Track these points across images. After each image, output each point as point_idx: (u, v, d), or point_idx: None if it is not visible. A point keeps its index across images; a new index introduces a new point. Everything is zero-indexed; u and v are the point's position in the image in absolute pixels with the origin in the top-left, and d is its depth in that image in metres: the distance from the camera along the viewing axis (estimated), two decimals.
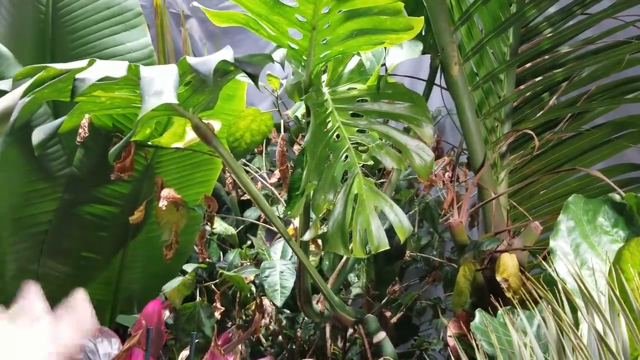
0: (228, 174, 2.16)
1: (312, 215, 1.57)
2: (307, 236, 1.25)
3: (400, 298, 1.86)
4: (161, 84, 0.81)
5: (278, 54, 1.03)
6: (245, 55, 0.95)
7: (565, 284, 0.99)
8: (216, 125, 1.26)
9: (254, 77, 0.90)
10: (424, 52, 1.68)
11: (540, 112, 1.55)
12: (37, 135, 1.06)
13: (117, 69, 0.84)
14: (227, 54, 0.88)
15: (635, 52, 1.46)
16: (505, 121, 1.56)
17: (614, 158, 1.64)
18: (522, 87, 1.54)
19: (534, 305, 0.96)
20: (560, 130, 1.55)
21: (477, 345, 1.03)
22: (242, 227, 2.18)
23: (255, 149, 2.19)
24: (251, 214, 2.12)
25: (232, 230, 1.92)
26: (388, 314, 1.78)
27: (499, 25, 1.40)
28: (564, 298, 0.91)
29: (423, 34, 1.63)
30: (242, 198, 2.20)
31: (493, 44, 1.51)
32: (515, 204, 1.52)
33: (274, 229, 1.93)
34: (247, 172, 2.16)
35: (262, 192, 2.00)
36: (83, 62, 0.84)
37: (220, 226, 1.88)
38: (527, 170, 1.65)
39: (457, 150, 1.68)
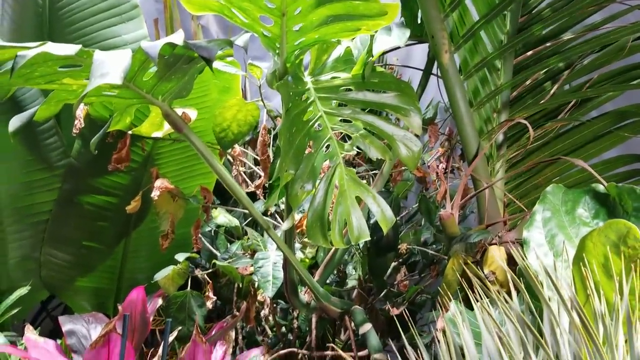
0: (234, 167, 2.17)
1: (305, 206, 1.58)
2: (285, 226, 1.24)
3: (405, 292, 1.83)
4: (110, 66, 0.81)
5: (242, 39, 1.02)
6: (203, 40, 0.95)
7: (537, 276, 0.96)
8: (192, 114, 1.26)
9: (209, 61, 0.89)
10: (421, 41, 1.65)
11: (540, 102, 1.49)
12: (14, 123, 1.08)
13: (64, 49, 0.85)
14: (176, 37, 0.88)
15: (639, 37, 1.40)
16: (502, 111, 1.51)
17: (622, 148, 1.57)
18: (518, 76, 1.48)
19: (503, 303, 0.93)
20: (560, 120, 1.50)
21: (446, 337, 1.01)
22: (250, 218, 2.18)
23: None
24: (259, 206, 2.13)
25: (235, 222, 1.93)
26: (386, 307, 1.76)
27: (491, 9, 1.36)
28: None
29: (419, 21, 1.60)
30: (248, 190, 2.20)
31: (488, 31, 1.47)
32: (510, 195, 1.48)
33: (279, 220, 1.94)
34: (258, 163, 2.17)
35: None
36: (34, 44, 0.85)
37: (224, 218, 1.89)
38: (529, 162, 1.60)
39: (452, 141, 1.64)
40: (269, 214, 2.03)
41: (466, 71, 1.47)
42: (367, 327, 1.36)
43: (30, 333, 1.43)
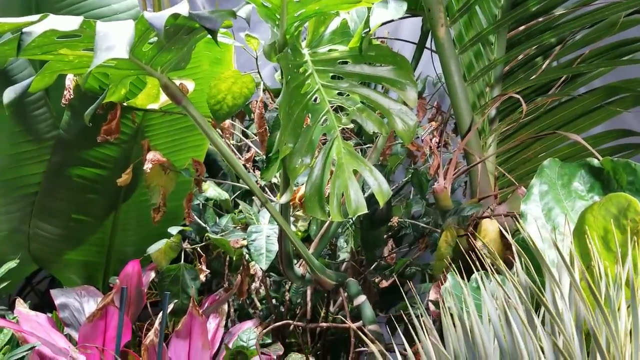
0: (224, 139, 2.15)
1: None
2: (283, 199, 1.24)
3: (393, 264, 1.85)
4: (114, 38, 0.80)
5: (244, 10, 1.01)
6: (205, 10, 0.93)
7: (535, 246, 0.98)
8: (190, 85, 1.25)
9: (213, 32, 0.88)
10: (415, 15, 1.65)
11: (532, 77, 1.51)
12: (8, 94, 1.06)
13: (68, 22, 0.83)
14: (181, 8, 0.86)
15: (630, 13, 1.41)
16: (495, 86, 1.53)
17: (610, 123, 1.60)
18: (512, 51, 1.49)
19: (506, 269, 0.95)
20: (552, 95, 1.51)
21: (445, 308, 1.03)
22: (239, 192, 2.18)
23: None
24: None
25: (225, 195, 1.92)
26: (377, 279, 1.78)
27: None
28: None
29: None
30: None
31: (483, 5, 1.47)
32: (502, 170, 1.50)
33: (269, 193, 1.94)
34: (247, 136, 2.16)
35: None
36: (35, 17, 0.83)
37: (214, 191, 1.88)
38: (521, 137, 1.62)
39: (445, 116, 1.65)
40: (258, 186, 2.03)
41: (461, 45, 1.48)
42: (362, 299, 1.38)
43: (21, 306, 1.43)
